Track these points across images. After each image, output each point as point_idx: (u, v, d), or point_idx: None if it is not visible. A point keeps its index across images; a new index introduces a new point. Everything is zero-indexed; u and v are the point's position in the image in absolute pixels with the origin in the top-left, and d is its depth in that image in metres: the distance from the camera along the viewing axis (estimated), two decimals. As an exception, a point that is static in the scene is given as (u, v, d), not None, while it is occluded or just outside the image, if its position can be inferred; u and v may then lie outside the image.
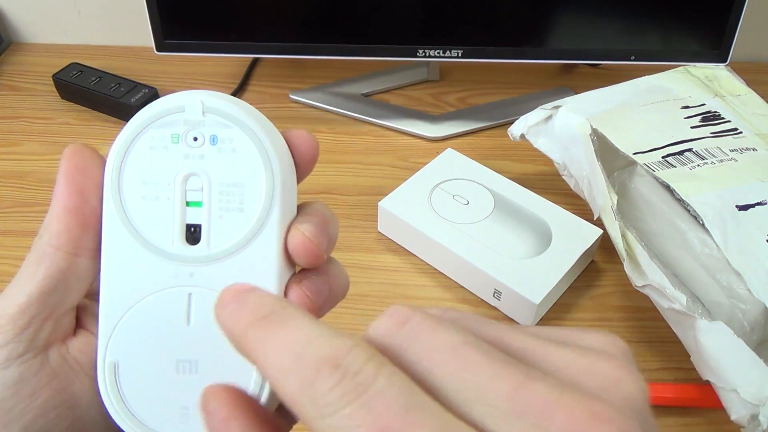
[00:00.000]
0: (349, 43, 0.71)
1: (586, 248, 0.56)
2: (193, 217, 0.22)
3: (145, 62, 0.83)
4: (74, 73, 0.78)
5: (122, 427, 0.22)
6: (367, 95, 0.81)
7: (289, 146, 0.23)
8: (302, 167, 0.23)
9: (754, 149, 0.57)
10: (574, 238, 0.56)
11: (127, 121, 0.22)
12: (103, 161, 0.22)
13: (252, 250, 0.22)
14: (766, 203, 0.52)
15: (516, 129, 0.63)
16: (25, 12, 0.88)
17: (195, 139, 0.22)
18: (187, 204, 0.22)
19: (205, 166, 0.21)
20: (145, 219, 0.22)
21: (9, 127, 0.75)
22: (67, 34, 0.89)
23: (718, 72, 0.66)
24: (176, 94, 0.22)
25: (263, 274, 0.22)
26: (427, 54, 0.71)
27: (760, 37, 0.87)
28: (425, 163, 0.64)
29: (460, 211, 0.59)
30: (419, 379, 0.16)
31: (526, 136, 0.62)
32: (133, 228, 0.22)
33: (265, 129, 0.22)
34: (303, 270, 0.23)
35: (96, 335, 0.22)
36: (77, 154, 0.22)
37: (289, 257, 0.22)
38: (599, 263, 0.60)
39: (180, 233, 0.22)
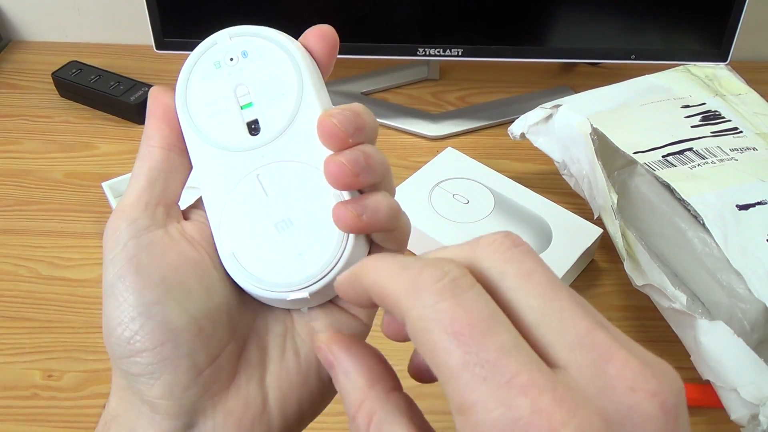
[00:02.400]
0: (348, 42, 0.71)
1: (586, 247, 0.56)
2: (250, 114, 0.27)
3: (145, 60, 0.83)
4: (74, 71, 0.78)
5: (257, 294, 0.27)
6: (366, 94, 0.81)
7: (306, 46, 0.28)
8: (321, 54, 0.28)
9: (754, 149, 0.57)
10: (574, 237, 0.56)
11: (126, 116, 0.24)
12: (169, 96, 0.28)
13: (299, 122, 0.27)
14: (766, 203, 0.52)
15: (516, 128, 0.63)
16: (24, 10, 0.88)
17: (231, 59, 0.28)
18: (242, 107, 0.27)
19: (245, 75, 0.27)
20: (216, 130, 0.27)
21: (8, 126, 0.75)
22: (66, 33, 0.89)
23: (718, 71, 0.66)
24: (207, 39, 0.28)
25: (310, 139, 0.27)
26: (427, 53, 0.71)
27: (760, 37, 0.87)
28: (425, 162, 0.64)
29: (460, 210, 0.59)
30: (509, 295, 0.19)
31: (527, 135, 0.62)
32: (210, 140, 0.27)
33: (279, 33, 0.28)
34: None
35: (205, 223, 0.28)
36: (160, 88, 0.28)
37: None
38: (599, 263, 0.60)
39: (244, 130, 0.27)
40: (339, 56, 0.25)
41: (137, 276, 0.25)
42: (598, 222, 0.56)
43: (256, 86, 0.27)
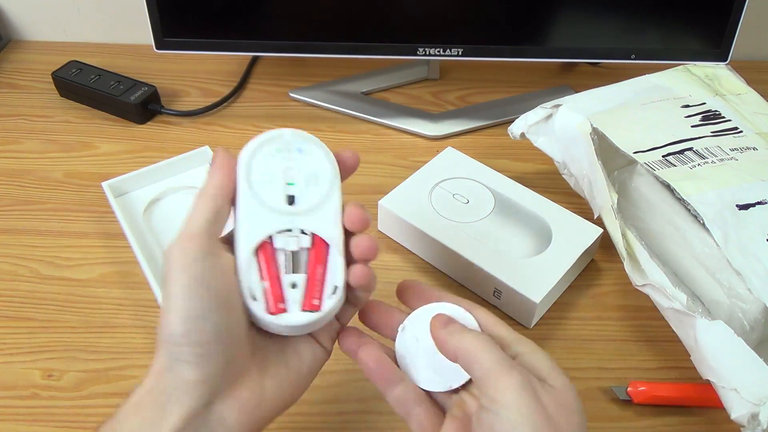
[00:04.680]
0: (348, 42, 0.71)
1: (586, 247, 0.56)
2: (291, 190, 0.37)
3: (145, 60, 0.83)
4: (73, 70, 0.78)
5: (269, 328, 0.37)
6: (367, 94, 0.81)
7: (336, 156, 0.39)
8: (344, 171, 0.39)
9: (754, 148, 0.57)
10: (574, 237, 0.56)
11: (126, 116, 0.26)
12: (233, 159, 0.37)
13: (325, 207, 0.37)
14: (766, 202, 0.52)
15: (516, 128, 0.63)
16: (24, 10, 0.88)
17: (289, 150, 0.38)
18: (288, 184, 0.37)
19: (296, 163, 0.38)
20: (265, 193, 0.37)
21: (8, 125, 0.75)
22: (66, 32, 0.89)
23: (718, 71, 0.66)
24: (275, 130, 0.38)
25: (331, 222, 0.37)
26: (427, 52, 0.71)
27: (760, 37, 0.87)
28: (425, 162, 0.64)
29: (460, 209, 0.59)
30: None
31: (527, 135, 0.62)
32: (258, 197, 0.37)
33: (326, 147, 0.39)
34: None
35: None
36: (223, 149, 0.37)
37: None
38: (599, 262, 0.60)
39: (284, 199, 0.37)
40: (339, 56, 0.28)
41: (201, 287, 0.33)
42: (598, 222, 0.56)
43: (302, 174, 0.38)
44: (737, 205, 0.51)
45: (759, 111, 0.61)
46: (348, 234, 0.37)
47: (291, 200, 0.37)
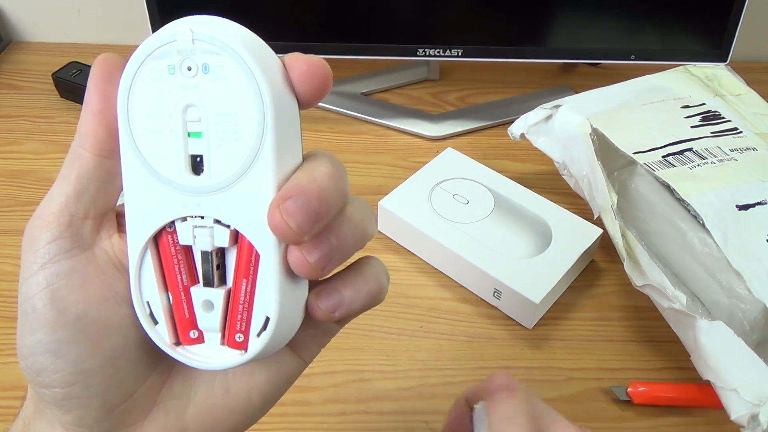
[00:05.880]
0: (348, 42, 0.71)
1: (586, 248, 0.56)
2: (196, 147, 0.22)
3: (145, 61, 0.83)
4: (74, 71, 0.78)
5: (165, 350, 0.24)
6: (366, 94, 0.81)
7: (289, 73, 0.22)
8: (305, 95, 0.23)
9: (754, 149, 0.57)
10: (574, 237, 0.56)
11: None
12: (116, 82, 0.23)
13: (250, 180, 0.22)
14: (766, 203, 0.52)
15: (516, 128, 0.63)
16: (24, 11, 0.88)
17: (189, 68, 0.21)
18: (189, 135, 0.22)
19: (200, 95, 0.21)
20: (154, 151, 0.22)
21: (9, 126, 0.75)
22: (66, 33, 0.89)
23: (718, 71, 0.66)
24: (170, 23, 0.22)
25: (261, 205, 0.22)
26: (427, 53, 0.71)
27: (760, 37, 0.87)
28: (425, 163, 0.64)
29: (460, 210, 0.59)
30: None
31: (526, 136, 0.62)
32: (145, 160, 0.22)
33: (256, 56, 0.21)
34: None
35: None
36: (106, 62, 0.24)
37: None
38: (599, 263, 0.60)
39: (185, 164, 0.22)
40: (339, 56, 0.23)
41: (51, 309, 0.22)
42: (598, 222, 0.56)
43: (210, 116, 0.21)
44: (737, 206, 0.51)
45: (759, 111, 0.61)
46: None
47: (196, 164, 0.22)
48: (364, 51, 0.71)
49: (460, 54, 0.71)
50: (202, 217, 0.22)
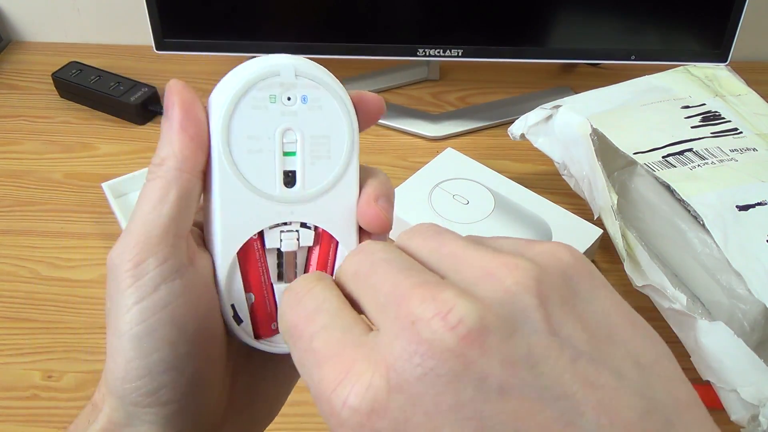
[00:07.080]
0: (349, 42, 0.71)
1: (586, 248, 0.56)
2: (290, 164, 0.26)
3: (145, 61, 0.83)
4: (73, 71, 0.78)
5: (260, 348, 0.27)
6: (367, 94, 0.81)
7: (358, 105, 0.27)
8: (363, 126, 0.27)
9: (754, 149, 0.57)
10: (574, 237, 0.56)
11: (126, 117, 0.24)
12: (201, 109, 0.26)
13: (339, 189, 0.26)
14: (766, 203, 0.52)
15: (516, 128, 0.63)
16: (24, 11, 0.88)
17: (288, 99, 0.25)
18: (285, 154, 0.26)
19: (297, 121, 0.26)
20: (252, 168, 0.25)
21: (8, 126, 0.75)
22: (66, 33, 0.89)
23: (718, 72, 0.66)
24: (269, 57, 0.26)
25: (348, 208, 0.27)
26: (427, 53, 0.71)
27: (760, 37, 0.87)
28: (425, 163, 0.64)
29: (460, 210, 0.59)
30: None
31: (526, 136, 0.62)
32: (243, 177, 0.25)
33: (344, 91, 0.26)
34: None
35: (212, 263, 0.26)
36: (185, 90, 0.26)
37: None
38: (599, 263, 0.60)
39: (280, 178, 0.26)
40: (339, 56, 0.24)
41: (173, 328, 0.23)
42: (598, 222, 0.56)
43: (306, 138, 0.26)
44: (737, 206, 0.51)
45: (759, 112, 0.61)
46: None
47: (289, 179, 0.26)
48: (364, 51, 0.71)
49: (460, 54, 0.71)
50: (286, 223, 0.26)
